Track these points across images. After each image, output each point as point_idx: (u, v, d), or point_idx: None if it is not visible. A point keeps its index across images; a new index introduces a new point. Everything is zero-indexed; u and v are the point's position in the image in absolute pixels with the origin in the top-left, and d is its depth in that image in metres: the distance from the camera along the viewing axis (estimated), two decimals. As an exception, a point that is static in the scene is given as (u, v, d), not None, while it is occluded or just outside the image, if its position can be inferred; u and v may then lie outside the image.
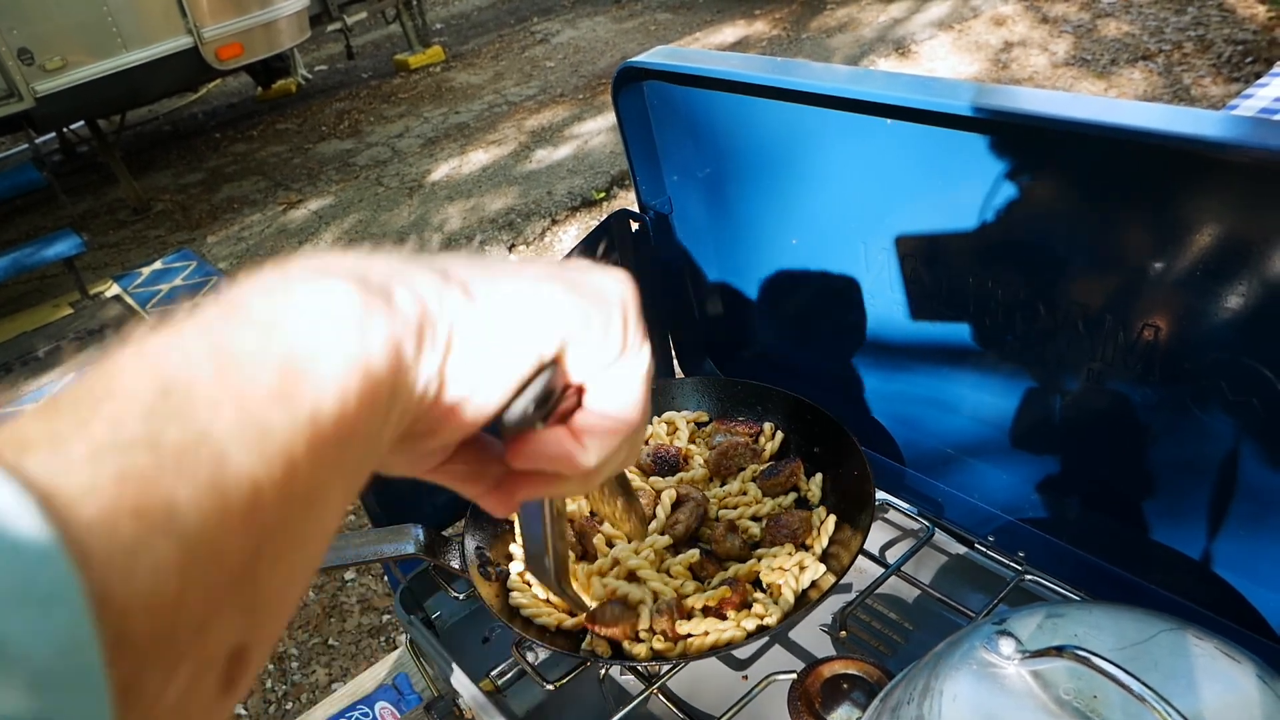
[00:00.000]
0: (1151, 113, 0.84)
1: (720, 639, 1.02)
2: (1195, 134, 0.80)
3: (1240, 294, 0.89)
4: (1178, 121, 0.81)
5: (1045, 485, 1.21)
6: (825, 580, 1.09)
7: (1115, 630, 0.84)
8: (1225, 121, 0.80)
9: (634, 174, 1.41)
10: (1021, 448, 1.21)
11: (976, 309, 1.13)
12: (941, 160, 1.05)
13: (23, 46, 4.96)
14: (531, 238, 5.08)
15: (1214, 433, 0.99)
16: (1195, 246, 0.90)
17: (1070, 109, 0.87)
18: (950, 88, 0.98)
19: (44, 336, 4.77)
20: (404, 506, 1.32)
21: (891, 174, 1.12)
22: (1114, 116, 0.84)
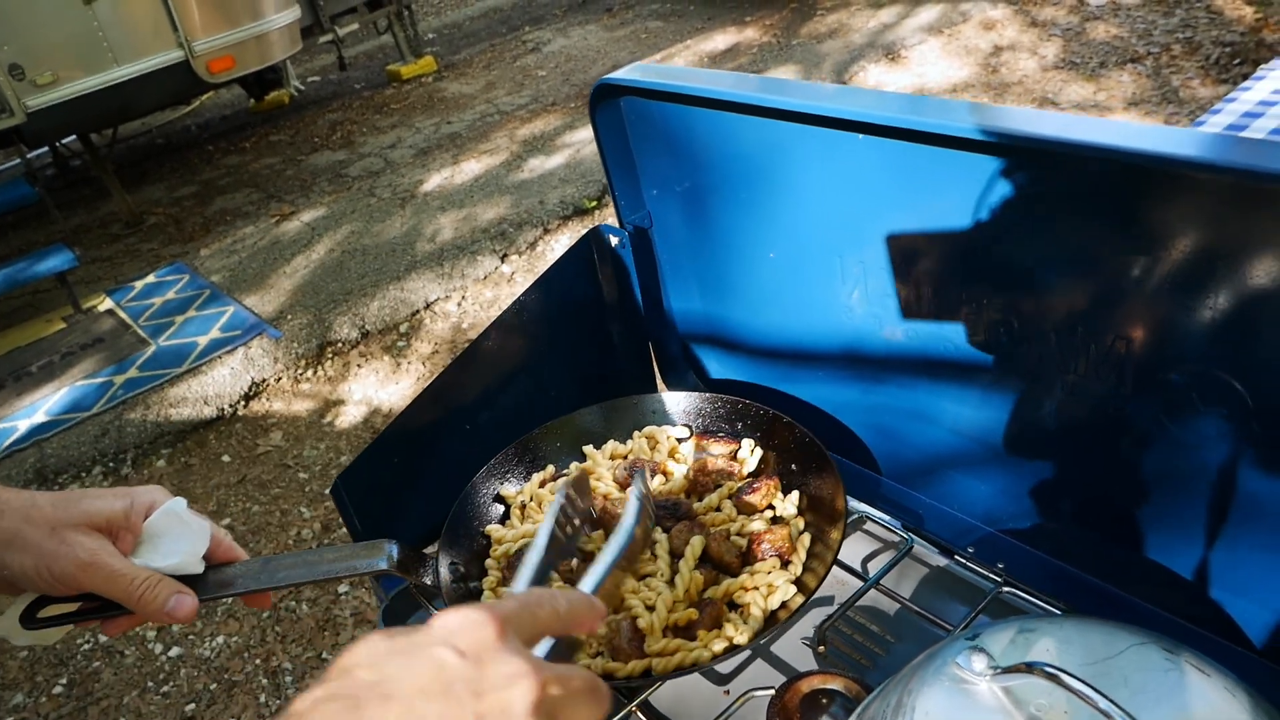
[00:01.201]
0: (1118, 130, 0.84)
1: (686, 659, 1.03)
2: (1161, 151, 0.81)
3: (1208, 307, 0.89)
4: (1144, 139, 0.82)
5: (1024, 497, 1.21)
6: (795, 600, 1.09)
7: (1086, 645, 0.84)
8: (1192, 139, 0.81)
9: (612, 189, 1.42)
10: (1001, 459, 1.22)
11: (952, 322, 1.14)
12: (915, 175, 1.06)
13: (13, 62, 4.96)
14: (524, 247, 5.08)
15: (1187, 444, 1.00)
16: (1164, 261, 0.91)
17: (1037, 126, 0.88)
18: (920, 105, 0.99)
19: (37, 351, 4.77)
20: (384, 521, 1.32)
21: (866, 189, 1.13)
22: (1082, 134, 0.85)
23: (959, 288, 1.10)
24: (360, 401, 4.32)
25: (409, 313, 4.76)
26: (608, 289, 1.49)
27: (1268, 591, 1.00)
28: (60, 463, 4.01)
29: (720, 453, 1.32)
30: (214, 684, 3.17)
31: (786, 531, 1.17)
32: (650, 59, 7.44)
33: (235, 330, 4.65)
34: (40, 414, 4.24)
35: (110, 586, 0.88)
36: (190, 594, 0.92)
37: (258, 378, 4.43)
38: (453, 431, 1.38)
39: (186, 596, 0.91)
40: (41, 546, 0.86)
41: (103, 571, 0.87)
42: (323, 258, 5.33)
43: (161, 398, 4.33)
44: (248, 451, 4.13)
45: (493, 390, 1.41)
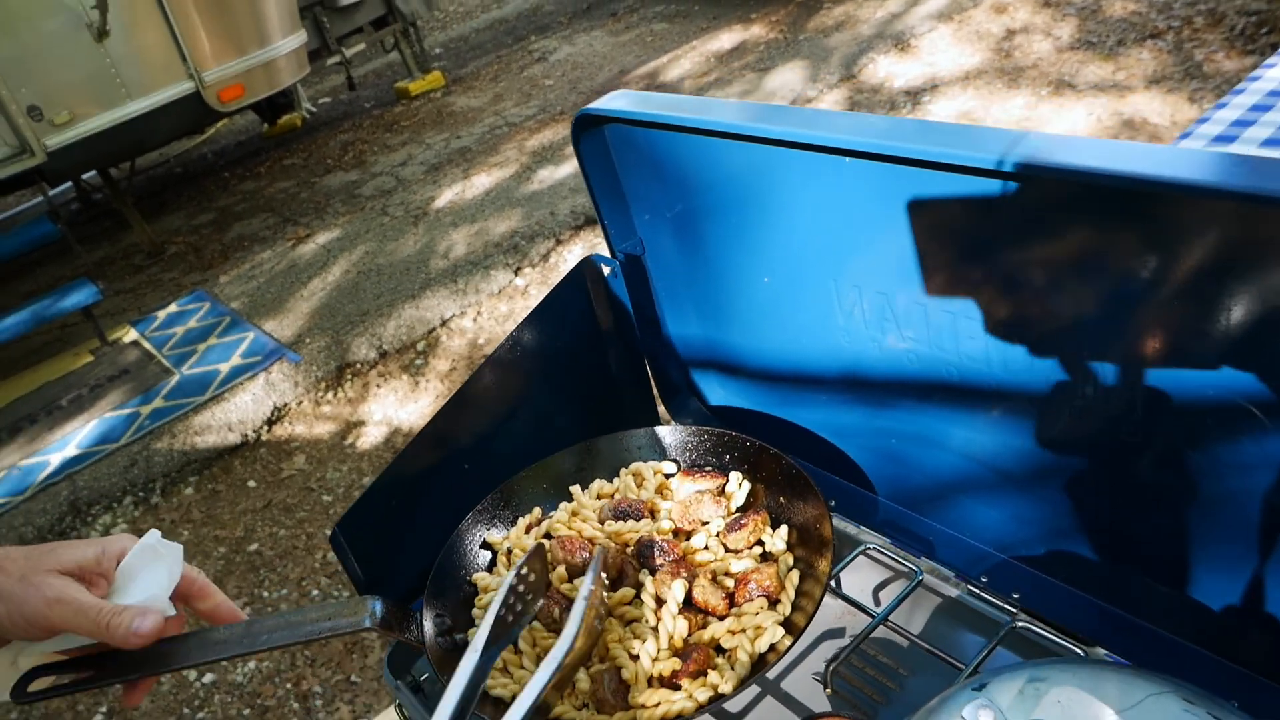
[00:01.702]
0: (1108, 152, 0.80)
1: (670, 712, 1.00)
2: (1152, 175, 0.76)
3: (1219, 330, 0.84)
4: (1132, 161, 0.77)
5: (1039, 522, 1.16)
6: (783, 642, 1.06)
7: (1099, 696, 0.80)
8: (1183, 160, 0.76)
9: (601, 218, 1.39)
10: (1013, 484, 1.17)
11: (952, 345, 1.10)
12: (903, 198, 1.02)
13: (32, 104, 5.03)
14: (536, 259, 5.07)
15: (1206, 468, 0.95)
16: (1170, 282, 0.86)
17: (1017, 150, 0.84)
18: (900, 129, 0.95)
19: (66, 385, 4.83)
20: (385, 566, 1.30)
21: (855, 212, 1.09)
22: (1068, 157, 0.80)
23: (955, 310, 1.06)
24: (381, 422, 4.33)
25: (425, 331, 4.77)
26: (603, 318, 1.46)
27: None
28: (92, 495, 4.06)
29: (708, 488, 1.28)
30: (247, 709, 3.19)
31: (774, 570, 1.14)
32: (657, 61, 7.40)
33: (256, 356, 4.68)
34: (71, 447, 4.30)
35: (78, 619, 0.90)
36: (154, 612, 0.94)
37: (279, 402, 4.46)
38: (450, 473, 1.36)
39: (149, 616, 0.93)
40: (12, 592, 0.89)
41: (70, 606, 0.90)
42: (339, 279, 5.36)
43: (187, 426, 4.36)
44: (272, 476, 4.16)
45: (490, 429, 1.39)
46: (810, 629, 1.24)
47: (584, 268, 1.40)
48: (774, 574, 1.14)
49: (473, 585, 1.25)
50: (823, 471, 1.40)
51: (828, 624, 1.26)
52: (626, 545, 1.23)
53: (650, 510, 1.29)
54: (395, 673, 1.28)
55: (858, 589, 1.29)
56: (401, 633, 1.08)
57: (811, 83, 6.20)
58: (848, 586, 1.30)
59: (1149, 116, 4.68)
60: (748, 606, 1.11)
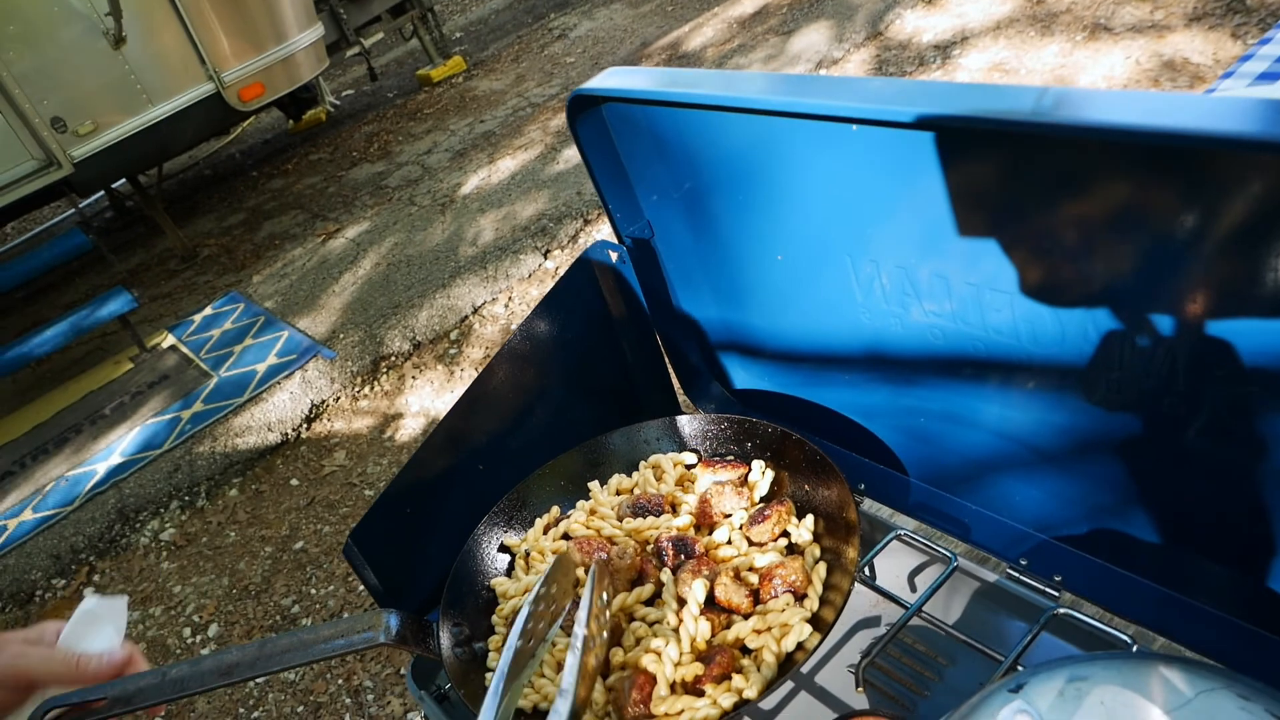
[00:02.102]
0: (1128, 104, 0.73)
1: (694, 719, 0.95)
2: (1183, 128, 0.69)
3: (1266, 292, 0.77)
4: (1157, 114, 0.70)
5: (1080, 500, 1.10)
6: (811, 640, 1.00)
7: (1147, 693, 0.74)
8: (1223, 110, 0.69)
9: (605, 203, 1.33)
10: (1051, 461, 1.10)
11: (978, 318, 1.03)
12: (914, 165, 0.95)
13: (55, 115, 5.08)
14: (565, 240, 5.02)
15: (1255, 438, 0.88)
16: (1210, 241, 0.79)
17: (1037, 108, 0.77)
18: (905, 91, 0.88)
19: (109, 394, 4.91)
20: (402, 576, 1.27)
21: (865, 182, 1.02)
22: (1080, 113, 0.73)
23: (979, 282, 0.99)
24: (418, 413, 4.33)
25: (458, 319, 4.76)
26: (614, 307, 1.41)
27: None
28: (139, 501, 4.13)
29: (729, 479, 1.23)
30: (300, 706, 3.22)
31: (800, 563, 1.08)
32: (679, 31, 7.28)
33: (291, 354, 4.71)
34: (116, 455, 4.37)
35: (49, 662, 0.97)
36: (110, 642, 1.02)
37: (317, 399, 4.48)
38: (466, 474, 1.33)
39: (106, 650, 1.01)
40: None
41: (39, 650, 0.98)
42: (369, 273, 5.36)
43: (227, 428, 4.41)
44: (314, 473, 4.19)
45: (504, 427, 1.35)
46: (843, 621, 1.20)
47: (591, 255, 1.35)
48: (800, 567, 1.09)
49: (491, 591, 1.22)
50: (851, 454, 1.34)
51: (862, 615, 1.21)
52: (646, 543, 1.19)
53: (671, 505, 1.24)
54: (420, 683, 1.25)
55: (891, 577, 1.23)
56: (418, 646, 1.06)
57: (837, 43, 6.04)
58: (881, 574, 1.25)
59: (1190, 56, 4.47)
60: (773, 604, 1.06)
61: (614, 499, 1.28)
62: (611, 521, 1.23)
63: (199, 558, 3.84)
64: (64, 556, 3.93)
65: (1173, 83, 4.34)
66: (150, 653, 3.45)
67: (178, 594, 3.68)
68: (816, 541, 1.14)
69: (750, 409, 1.48)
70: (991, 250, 0.94)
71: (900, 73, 5.44)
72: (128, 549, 3.98)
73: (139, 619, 3.60)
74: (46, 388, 5.19)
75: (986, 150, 0.88)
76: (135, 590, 3.76)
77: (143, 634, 3.53)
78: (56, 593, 3.84)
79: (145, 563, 3.89)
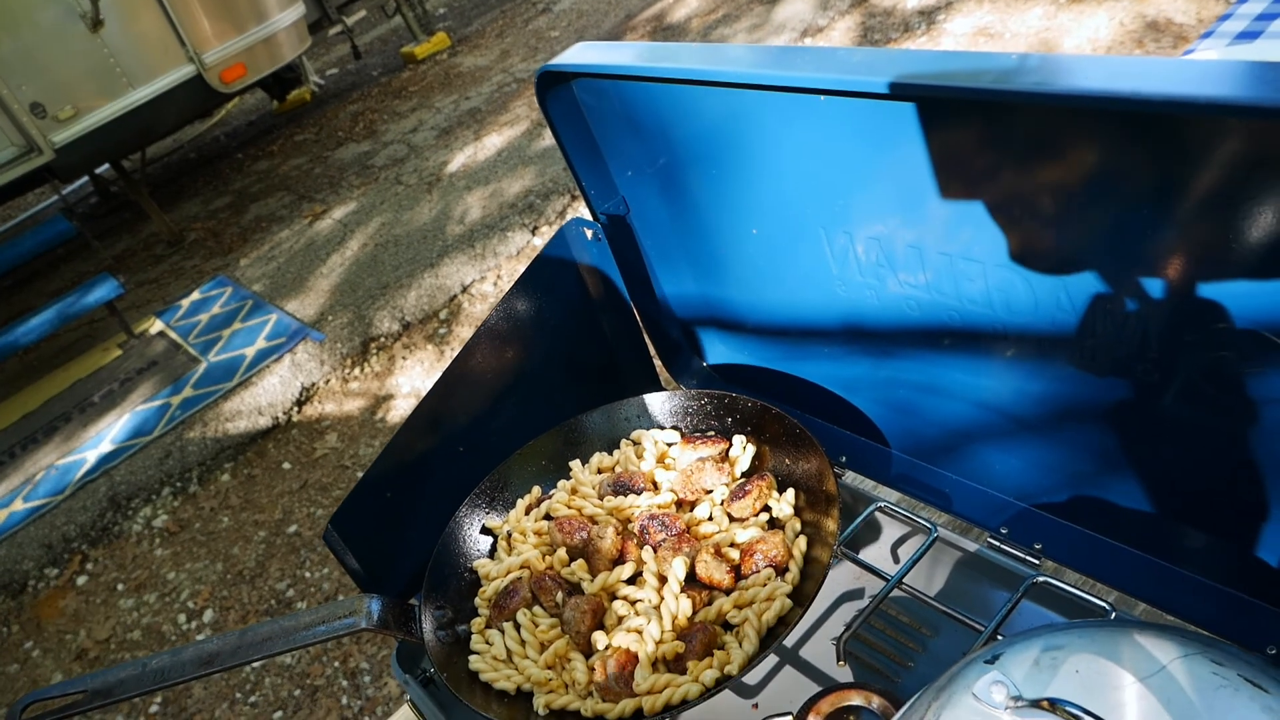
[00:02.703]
0: (1102, 69, 0.71)
1: (674, 697, 0.95)
2: (1144, 92, 0.68)
3: (1234, 258, 0.76)
4: (1132, 79, 0.69)
5: (1059, 468, 1.09)
6: (793, 614, 1.00)
7: (1122, 661, 0.74)
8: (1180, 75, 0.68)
9: (579, 181, 1.31)
10: (1029, 429, 1.10)
11: (951, 288, 1.02)
12: (883, 134, 0.93)
13: (34, 101, 5.02)
14: (553, 216, 4.99)
15: (1229, 403, 0.87)
16: (1178, 208, 0.78)
17: (1000, 75, 0.75)
18: (869, 60, 0.86)
19: (97, 381, 4.89)
20: (384, 561, 1.27)
21: (835, 153, 1.01)
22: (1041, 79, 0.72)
23: (951, 252, 0.98)
24: (409, 394, 4.32)
25: (447, 299, 4.74)
26: (592, 284, 1.39)
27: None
28: (130, 489, 4.12)
29: (710, 454, 1.22)
30: (298, 690, 3.24)
31: (781, 537, 1.08)
32: (663, 2, 7.19)
33: (280, 338, 4.69)
34: (106, 443, 4.35)
35: None
36: None
37: (307, 382, 4.47)
38: (446, 457, 1.32)
39: None
40: None
41: None
42: (357, 253, 5.33)
43: (218, 413, 4.40)
44: (306, 456, 4.18)
45: (484, 408, 1.34)
46: (827, 595, 1.20)
47: (567, 233, 1.34)
48: (781, 541, 1.09)
49: (473, 573, 1.22)
50: (832, 427, 1.34)
51: (845, 588, 1.21)
52: (628, 522, 1.18)
53: (652, 482, 1.23)
54: (404, 667, 1.25)
55: (874, 549, 1.23)
56: (400, 630, 1.05)
57: (822, 11, 5.99)
58: (864, 547, 1.24)
59: (1173, 16, 4.43)
60: (754, 578, 1.06)
61: (595, 478, 1.28)
62: (593, 500, 1.22)
63: (192, 544, 3.84)
64: (56, 545, 3.93)
65: (1156, 43, 4.30)
66: (146, 640, 3.47)
67: (172, 580, 3.68)
68: (797, 515, 1.14)
69: (731, 384, 1.47)
70: (963, 219, 0.93)
71: (885, 39, 5.39)
72: (120, 536, 3.97)
73: (134, 606, 3.61)
74: (34, 376, 5.16)
75: (954, 119, 0.86)
76: (129, 578, 3.76)
77: (138, 621, 3.54)
78: (49, 582, 3.84)
79: (138, 550, 3.89)
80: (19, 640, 3.65)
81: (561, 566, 1.15)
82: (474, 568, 1.22)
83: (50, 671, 3.45)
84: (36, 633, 3.65)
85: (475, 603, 1.17)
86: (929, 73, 0.82)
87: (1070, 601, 1.05)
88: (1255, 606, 0.97)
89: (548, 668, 1.05)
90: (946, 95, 0.81)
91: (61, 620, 3.67)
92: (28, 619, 3.73)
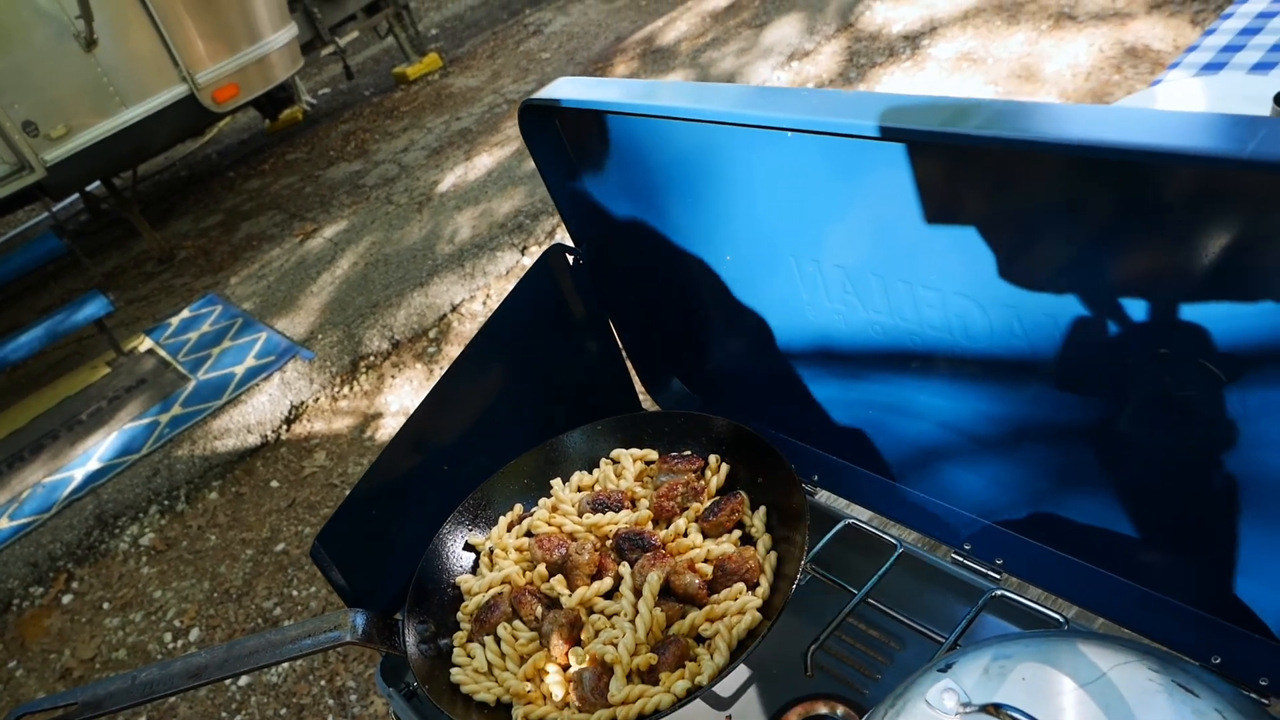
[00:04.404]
0: (1036, 116, 0.76)
1: (647, 707, 0.99)
2: (1065, 138, 0.73)
3: (1166, 290, 0.81)
4: (1066, 128, 0.74)
5: (1018, 486, 1.14)
6: (763, 626, 1.04)
7: (1065, 668, 0.78)
8: (1116, 121, 0.73)
9: (559, 207, 1.36)
10: (990, 450, 1.15)
11: (913, 314, 1.07)
12: (845, 169, 0.99)
13: (26, 119, 5.05)
14: (542, 236, 5.04)
15: (1175, 424, 0.92)
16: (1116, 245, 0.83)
17: (933, 120, 0.80)
18: (829, 102, 0.91)
19: (85, 399, 4.90)
20: (370, 577, 1.30)
21: (803, 186, 1.06)
22: (979, 125, 0.77)
23: (912, 280, 1.03)
24: (398, 412, 4.35)
25: (436, 317, 4.77)
26: (574, 307, 1.44)
27: (1279, 574, 0.92)
28: (117, 507, 4.13)
29: (686, 473, 1.27)
30: (284, 709, 3.25)
31: (753, 552, 1.12)
32: (653, 25, 7.29)
33: (270, 356, 4.71)
34: (94, 461, 4.36)
35: None
36: None
37: (296, 400, 4.49)
38: (431, 475, 1.36)
39: None
40: None
41: None
42: (347, 272, 5.37)
43: (206, 431, 4.41)
44: (294, 475, 4.20)
45: (468, 428, 1.38)
46: (798, 609, 1.23)
47: (549, 258, 1.38)
48: (752, 556, 1.13)
49: (456, 588, 1.25)
50: (806, 446, 1.38)
51: (815, 603, 1.25)
52: (606, 538, 1.22)
53: (630, 499, 1.28)
54: (388, 681, 1.29)
55: (844, 565, 1.27)
56: (384, 644, 1.09)
57: (809, 35, 6.08)
58: (835, 563, 1.28)
59: (1151, 43, 4.53)
60: (726, 592, 1.10)
61: (575, 495, 1.32)
62: (573, 518, 1.26)
63: (179, 562, 3.85)
64: (41, 564, 3.93)
65: (1134, 69, 4.40)
66: (131, 659, 3.47)
67: (158, 599, 3.69)
68: (769, 532, 1.18)
69: (709, 404, 1.52)
70: (921, 250, 0.98)
71: (870, 64, 5.48)
72: (107, 555, 3.98)
73: (119, 625, 3.61)
74: (22, 394, 5.17)
75: (907, 158, 0.91)
76: (115, 596, 3.76)
77: (123, 640, 3.54)
78: (34, 601, 3.84)
79: (125, 568, 3.90)
80: (2, 659, 3.64)
81: (541, 582, 1.19)
82: (457, 583, 1.26)
83: (34, 691, 3.45)
84: (20, 652, 3.65)
85: (457, 617, 1.21)
86: (882, 115, 0.87)
87: (1029, 614, 1.10)
88: (1203, 619, 1.01)
89: (527, 680, 1.09)
90: (898, 137, 0.86)
91: (46, 639, 3.67)
92: (12, 638, 3.72)
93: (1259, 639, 0.97)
